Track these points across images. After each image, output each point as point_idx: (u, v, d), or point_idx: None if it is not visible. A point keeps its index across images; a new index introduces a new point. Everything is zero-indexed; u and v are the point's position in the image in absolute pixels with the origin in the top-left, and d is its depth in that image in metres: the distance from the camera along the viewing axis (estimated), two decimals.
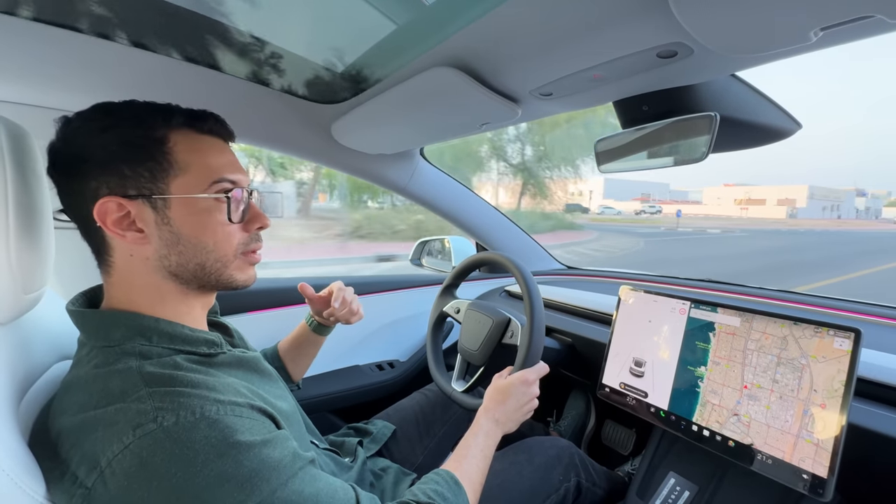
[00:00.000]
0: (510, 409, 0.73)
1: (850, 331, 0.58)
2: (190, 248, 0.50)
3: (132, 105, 0.50)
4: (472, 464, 0.64)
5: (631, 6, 0.48)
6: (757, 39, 0.47)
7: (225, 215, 0.51)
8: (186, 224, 0.50)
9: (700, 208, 67.07)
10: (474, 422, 0.71)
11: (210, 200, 0.50)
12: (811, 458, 0.58)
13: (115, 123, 0.48)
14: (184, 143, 0.50)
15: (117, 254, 0.49)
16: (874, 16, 0.38)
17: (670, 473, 0.81)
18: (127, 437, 0.39)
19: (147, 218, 0.48)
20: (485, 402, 0.74)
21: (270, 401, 0.52)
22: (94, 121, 0.48)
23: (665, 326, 0.79)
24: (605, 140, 0.83)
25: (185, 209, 0.49)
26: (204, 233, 0.51)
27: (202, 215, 0.50)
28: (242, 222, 0.54)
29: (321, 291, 0.86)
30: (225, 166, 0.52)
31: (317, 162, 1.19)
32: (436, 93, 0.77)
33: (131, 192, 0.47)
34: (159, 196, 0.48)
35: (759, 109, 0.67)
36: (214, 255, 0.52)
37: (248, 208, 0.54)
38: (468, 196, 1.41)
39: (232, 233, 0.53)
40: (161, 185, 0.48)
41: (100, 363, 0.45)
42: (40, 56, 0.74)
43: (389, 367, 1.29)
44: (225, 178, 0.52)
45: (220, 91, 0.91)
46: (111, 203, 0.47)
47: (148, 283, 0.50)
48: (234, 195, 0.52)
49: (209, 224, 0.51)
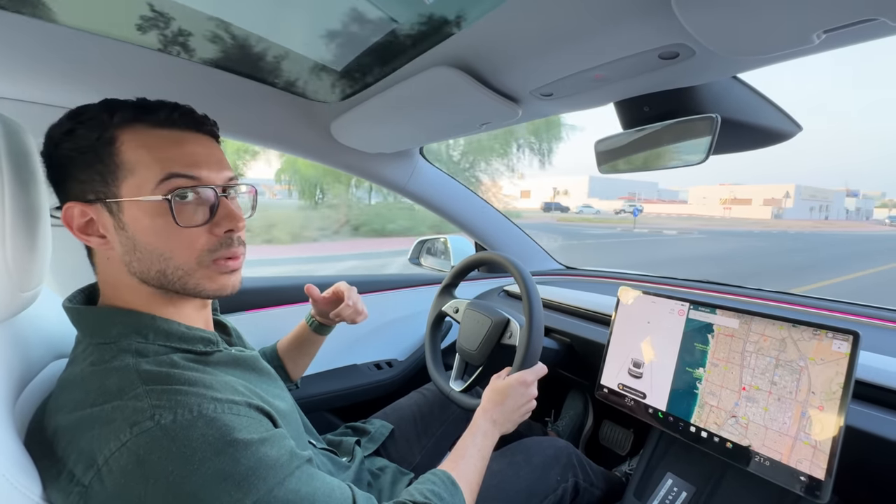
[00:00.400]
0: (508, 409, 0.73)
1: (848, 333, 0.58)
2: (147, 255, 0.47)
3: (90, 107, 0.47)
4: (469, 464, 0.64)
5: (633, 7, 0.48)
6: (759, 41, 0.47)
7: (186, 218, 0.46)
8: (140, 229, 0.46)
9: (684, 208, 64.74)
10: (472, 422, 0.71)
11: (160, 202, 0.45)
12: (809, 459, 0.58)
13: (74, 128, 0.47)
14: (132, 141, 0.46)
15: (97, 256, 0.50)
16: (878, 18, 0.38)
17: (668, 474, 0.81)
18: (124, 435, 0.39)
19: (107, 223, 0.47)
20: (482, 403, 0.74)
21: (268, 399, 0.52)
22: (61, 127, 0.47)
23: (664, 328, 0.79)
24: (604, 140, 0.82)
25: (136, 213, 0.46)
26: (158, 238, 0.46)
27: (155, 219, 0.46)
28: (208, 224, 0.49)
29: (324, 292, 0.85)
30: (177, 160, 0.46)
31: (316, 161, 1.19)
32: (436, 92, 0.77)
33: (90, 197, 0.46)
34: (112, 200, 0.46)
35: (760, 111, 0.67)
36: (173, 262, 0.47)
37: (216, 208, 0.49)
38: (467, 195, 1.41)
39: (194, 238, 0.48)
40: (112, 188, 0.46)
41: (96, 360, 0.45)
42: (38, 53, 0.73)
43: (388, 366, 1.29)
44: (177, 174, 0.46)
45: (220, 88, 0.90)
46: (74, 209, 0.47)
47: (129, 284, 0.49)
48: (190, 194, 0.47)
49: (163, 229, 0.46)
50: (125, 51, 0.75)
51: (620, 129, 0.79)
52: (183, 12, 0.67)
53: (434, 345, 1.04)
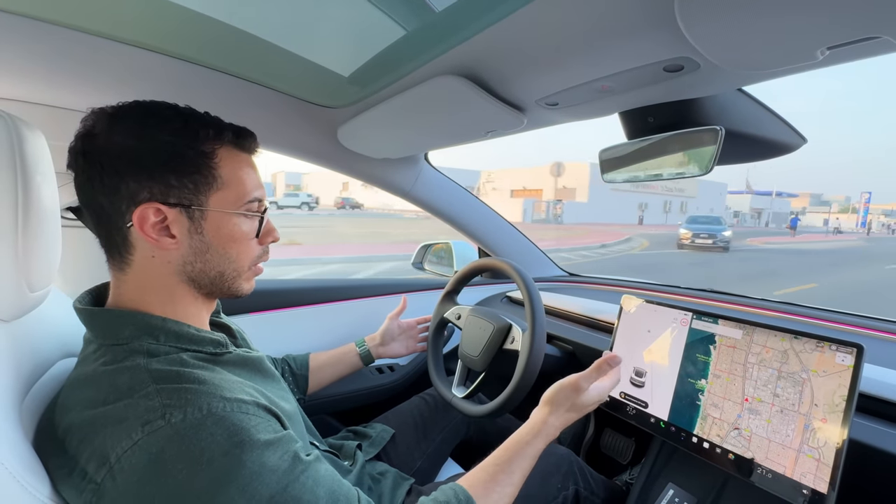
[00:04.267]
0: (566, 422, 0.67)
1: (852, 346, 0.58)
2: (216, 258, 0.53)
3: (181, 113, 0.51)
4: (503, 492, 0.58)
5: (639, 20, 0.48)
6: (763, 56, 0.47)
7: (253, 230, 0.55)
8: (217, 235, 0.52)
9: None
10: (524, 437, 0.63)
11: (243, 217, 0.54)
12: (812, 473, 0.58)
13: (165, 129, 0.48)
14: (228, 160, 0.52)
15: (138, 253, 0.50)
16: (881, 36, 0.38)
17: (669, 484, 0.81)
18: (136, 434, 0.39)
19: (182, 225, 0.50)
20: (546, 416, 0.66)
21: (274, 400, 0.53)
22: (140, 121, 0.48)
23: (666, 337, 0.79)
24: (609, 150, 0.83)
25: (219, 222, 0.52)
26: (231, 245, 0.54)
27: (234, 229, 0.53)
28: (259, 236, 0.57)
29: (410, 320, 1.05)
30: (256, 185, 0.56)
31: (322, 165, 1.20)
32: (442, 101, 0.78)
33: (172, 200, 0.48)
34: (198, 207, 0.50)
35: (765, 123, 0.68)
36: (234, 265, 0.55)
37: (262, 222, 0.57)
38: (471, 201, 1.42)
39: (252, 246, 0.56)
40: (202, 197, 0.51)
41: (108, 361, 0.46)
42: (51, 56, 0.74)
43: (389, 370, 1.29)
44: (255, 198, 0.55)
45: (227, 93, 0.91)
46: (151, 209, 0.48)
47: (163, 284, 0.51)
48: (265, 214, 0.57)
49: (237, 237, 0.54)
50: (133, 54, 0.76)
51: (625, 138, 0.80)
52: (190, 16, 0.68)
53: (436, 352, 1.04)
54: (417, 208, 1.38)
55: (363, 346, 0.99)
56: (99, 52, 0.75)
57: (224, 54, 0.81)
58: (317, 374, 0.93)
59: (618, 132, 0.82)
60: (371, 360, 1.00)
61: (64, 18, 0.68)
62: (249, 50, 0.80)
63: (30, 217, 0.47)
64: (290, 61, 0.83)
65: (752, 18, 0.40)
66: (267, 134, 1.04)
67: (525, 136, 8.22)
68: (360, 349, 0.98)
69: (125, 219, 0.48)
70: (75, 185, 0.49)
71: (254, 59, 0.83)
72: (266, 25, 0.73)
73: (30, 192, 0.46)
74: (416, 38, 0.69)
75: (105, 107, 0.49)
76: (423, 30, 0.67)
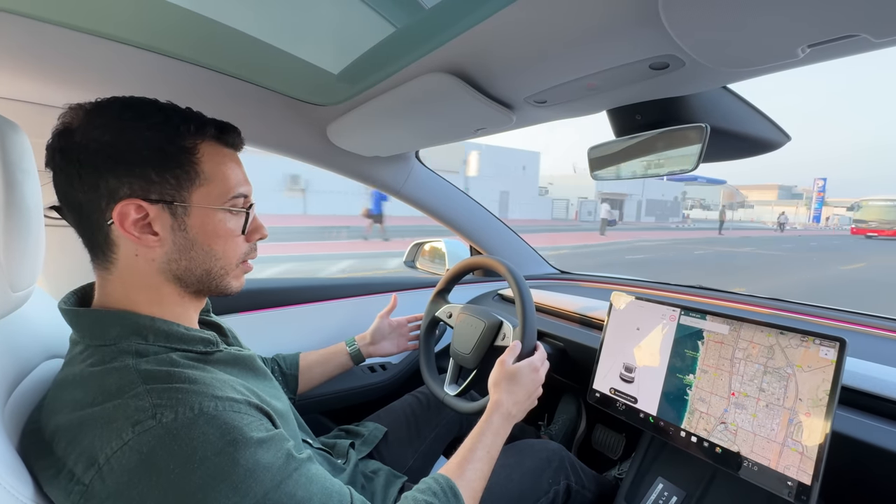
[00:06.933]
0: (521, 398, 0.73)
1: (835, 340, 0.59)
2: (201, 255, 0.52)
3: (161, 108, 0.50)
4: (475, 468, 0.63)
5: (625, 19, 0.49)
6: (746, 54, 0.48)
7: (238, 227, 0.54)
8: (202, 232, 0.51)
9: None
10: (483, 419, 0.70)
11: (227, 212, 0.53)
12: (796, 465, 0.59)
13: (145, 124, 0.47)
14: (210, 155, 0.51)
15: (121, 252, 0.49)
16: (859, 35, 0.39)
17: (658, 478, 0.82)
18: (126, 434, 0.39)
19: (164, 222, 0.49)
20: (493, 397, 0.73)
21: (266, 399, 0.53)
22: (118, 116, 0.47)
23: (655, 333, 0.80)
24: (597, 147, 0.83)
25: (203, 218, 0.51)
26: (216, 241, 0.52)
27: (218, 225, 0.52)
28: (246, 233, 0.56)
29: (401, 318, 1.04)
30: (241, 181, 0.54)
31: (312, 163, 1.19)
32: (431, 98, 0.78)
33: (153, 197, 0.47)
34: (181, 203, 0.49)
35: (750, 121, 0.69)
36: (221, 262, 0.54)
37: (250, 218, 0.56)
38: (463, 199, 1.42)
39: (239, 243, 0.55)
40: (184, 193, 0.49)
41: (95, 361, 0.45)
42: (36, 52, 0.73)
43: (381, 369, 1.29)
44: (240, 194, 0.54)
45: (216, 91, 0.91)
46: (132, 205, 0.46)
47: (149, 283, 0.50)
48: (251, 211, 0.55)
49: (222, 234, 0.53)
50: (120, 51, 0.75)
51: (613, 136, 0.80)
52: (179, 13, 0.68)
53: (428, 350, 1.04)
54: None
55: (353, 345, 0.99)
56: (86, 49, 0.74)
57: (213, 51, 0.80)
58: (307, 373, 0.92)
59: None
60: (361, 359, 0.99)
61: (51, 15, 0.67)
62: (238, 47, 0.79)
63: (12, 215, 0.46)
64: (278, 58, 0.82)
65: (735, 17, 0.41)
66: (255, 131, 1.04)
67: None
68: (349, 349, 0.98)
69: (105, 216, 0.46)
70: (54, 184, 0.48)
71: (242, 56, 0.83)
72: (255, 22, 0.72)
73: (12, 190, 0.46)
74: (405, 35, 0.69)
75: (83, 103, 0.48)
76: (412, 27, 0.67)
